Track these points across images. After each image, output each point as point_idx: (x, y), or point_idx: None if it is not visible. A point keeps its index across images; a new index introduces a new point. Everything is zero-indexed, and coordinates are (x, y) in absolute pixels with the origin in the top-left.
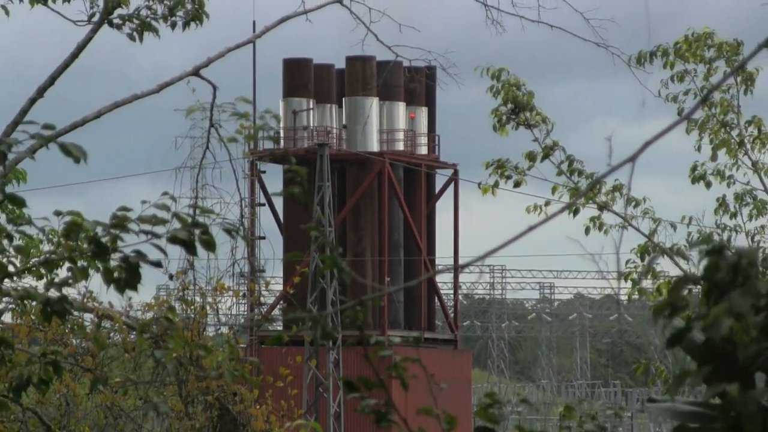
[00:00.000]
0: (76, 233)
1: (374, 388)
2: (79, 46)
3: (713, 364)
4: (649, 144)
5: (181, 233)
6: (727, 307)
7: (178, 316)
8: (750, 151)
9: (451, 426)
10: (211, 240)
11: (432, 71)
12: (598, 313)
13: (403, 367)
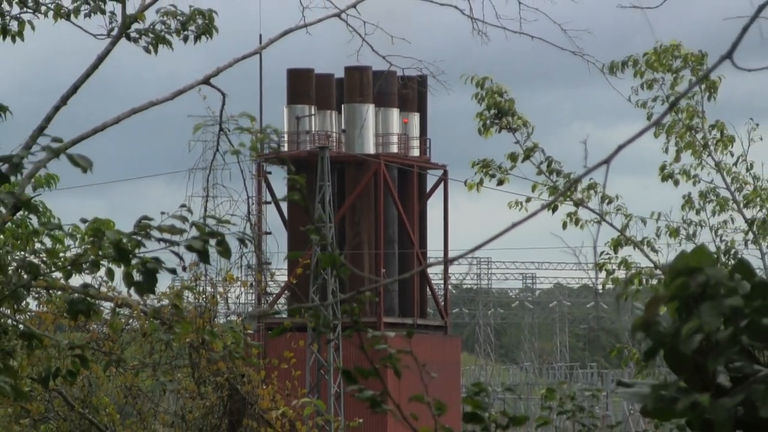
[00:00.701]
0: (100, 239)
1: (370, 376)
2: (100, 58)
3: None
4: (622, 147)
5: (196, 243)
6: (697, 324)
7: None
8: (713, 153)
9: (441, 412)
10: (227, 249)
11: (423, 79)
12: (576, 301)
13: (397, 357)
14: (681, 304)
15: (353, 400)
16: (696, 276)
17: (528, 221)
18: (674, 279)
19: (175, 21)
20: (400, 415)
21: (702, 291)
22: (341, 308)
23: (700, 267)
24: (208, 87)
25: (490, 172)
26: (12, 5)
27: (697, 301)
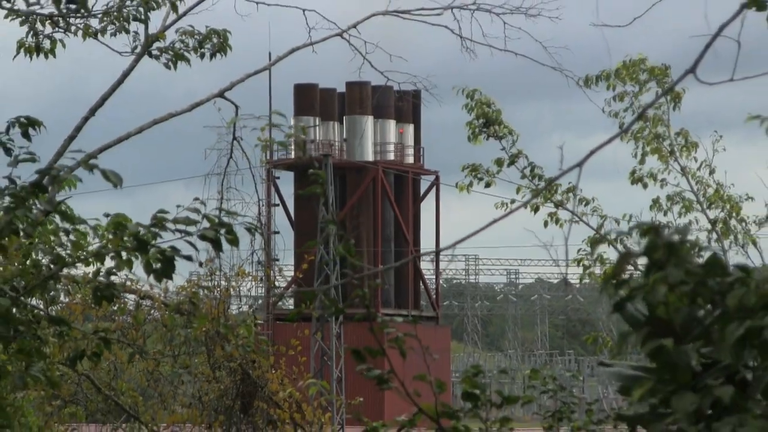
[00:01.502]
0: (122, 231)
1: (377, 356)
2: (124, 73)
3: (650, 326)
4: (593, 152)
5: (209, 232)
6: (663, 276)
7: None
8: (679, 158)
9: (441, 390)
10: (235, 238)
11: (417, 93)
12: (555, 295)
13: (403, 340)
14: (649, 261)
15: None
16: (662, 233)
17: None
18: (644, 236)
19: (192, 40)
20: (404, 392)
21: (668, 248)
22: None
23: (665, 225)
24: (223, 100)
25: (478, 176)
26: (45, 25)
27: (663, 258)
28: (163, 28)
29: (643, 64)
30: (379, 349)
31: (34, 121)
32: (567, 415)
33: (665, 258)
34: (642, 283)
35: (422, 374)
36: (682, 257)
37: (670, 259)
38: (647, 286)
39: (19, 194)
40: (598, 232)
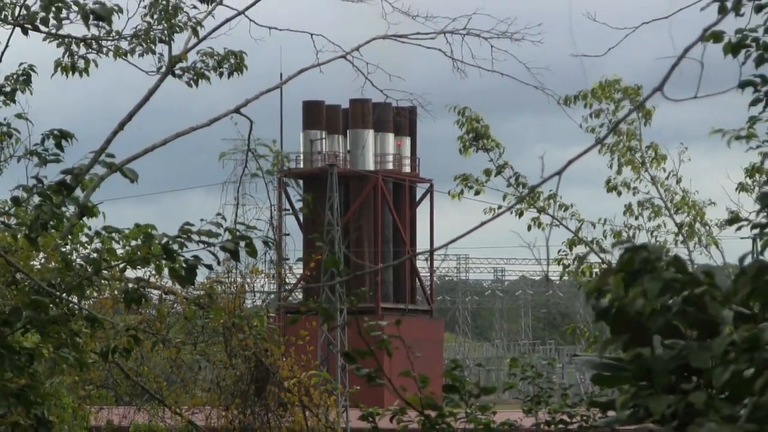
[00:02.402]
0: (149, 241)
1: (366, 356)
2: (150, 91)
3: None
4: (571, 162)
5: (229, 245)
6: (640, 290)
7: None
8: (649, 169)
9: (425, 384)
10: (254, 250)
11: (414, 109)
12: (538, 290)
13: (389, 341)
14: (627, 275)
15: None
16: (639, 251)
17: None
18: (622, 255)
19: (212, 60)
20: (391, 388)
21: (644, 263)
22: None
23: (643, 245)
24: (239, 115)
25: (468, 185)
26: (79, 47)
27: (640, 272)
28: (186, 50)
29: (617, 85)
30: (367, 350)
31: (67, 133)
32: (545, 399)
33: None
34: (621, 295)
35: (407, 371)
36: (657, 272)
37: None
38: (627, 299)
39: (46, 192)
40: (576, 234)
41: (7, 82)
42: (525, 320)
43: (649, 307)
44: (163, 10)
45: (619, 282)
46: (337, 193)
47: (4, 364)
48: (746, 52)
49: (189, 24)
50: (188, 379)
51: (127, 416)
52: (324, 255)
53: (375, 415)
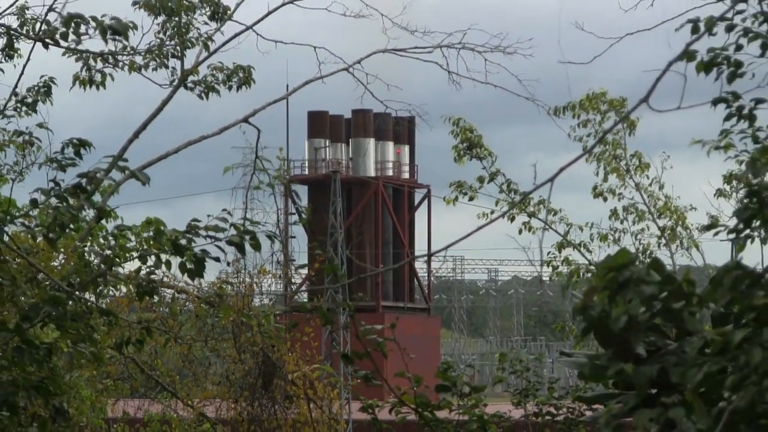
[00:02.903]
0: (160, 237)
1: (363, 358)
2: (163, 102)
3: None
4: (563, 169)
5: (235, 238)
6: (623, 309)
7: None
8: (633, 176)
9: (418, 384)
10: (258, 243)
11: (412, 119)
12: (529, 290)
13: (384, 343)
14: (610, 293)
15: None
16: (622, 271)
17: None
18: (606, 274)
19: (221, 74)
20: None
21: (626, 282)
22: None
23: (625, 264)
24: (247, 124)
25: (463, 191)
26: (97, 61)
27: (622, 289)
28: (197, 64)
29: (603, 97)
30: (364, 353)
31: (85, 142)
32: (533, 392)
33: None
34: (605, 313)
35: (401, 371)
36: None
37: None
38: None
39: (63, 195)
40: (564, 238)
41: (29, 93)
42: (517, 318)
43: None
44: (175, 27)
45: (603, 299)
46: (339, 198)
47: (24, 358)
48: (719, 70)
49: (200, 40)
50: (199, 374)
51: (142, 408)
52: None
53: (374, 407)
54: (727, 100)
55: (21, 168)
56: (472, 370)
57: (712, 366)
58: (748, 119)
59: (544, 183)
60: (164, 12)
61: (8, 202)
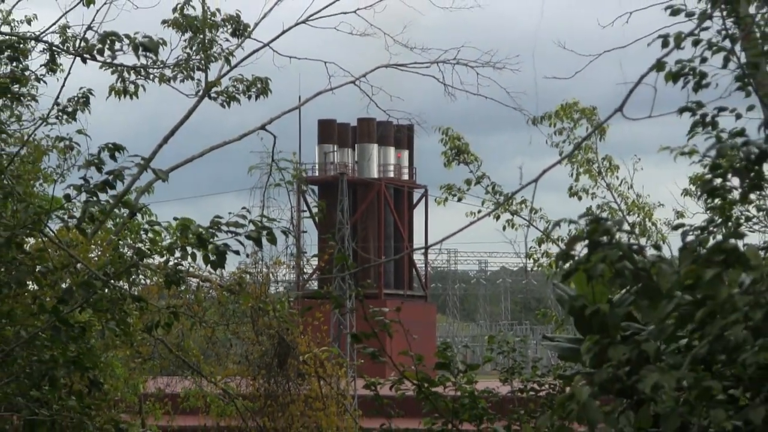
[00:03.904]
0: (186, 231)
1: (371, 338)
2: (189, 111)
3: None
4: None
5: (253, 233)
6: (601, 255)
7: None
8: (605, 177)
9: (420, 361)
10: (274, 238)
11: (411, 126)
12: (516, 279)
13: (390, 324)
14: (591, 243)
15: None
16: (602, 223)
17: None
18: (588, 224)
19: (242, 85)
20: (392, 364)
21: (605, 232)
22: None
23: (605, 218)
24: (264, 131)
25: (452, 193)
26: (130, 74)
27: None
28: (220, 76)
29: (576, 106)
30: (371, 333)
31: (119, 146)
32: (518, 371)
33: (603, 240)
34: (584, 259)
35: (404, 350)
36: (618, 242)
37: (608, 241)
38: (589, 263)
39: (92, 190)
40: (544, 233)
41: (69, 103)
42: (505, 304)
43: (609, 273)
44: (200, 43)
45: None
46: (346, 197)
47: (60, 336)
48: (685, 80)
49: (222, 55)
50: (222, 354)
51: (171, 384)
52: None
53: (377, 384)
54: (692, 109)
55: (62, 170)
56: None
57: (682, 300)
58: (711, 126)
59: (529, 183)
60: (190, 30)
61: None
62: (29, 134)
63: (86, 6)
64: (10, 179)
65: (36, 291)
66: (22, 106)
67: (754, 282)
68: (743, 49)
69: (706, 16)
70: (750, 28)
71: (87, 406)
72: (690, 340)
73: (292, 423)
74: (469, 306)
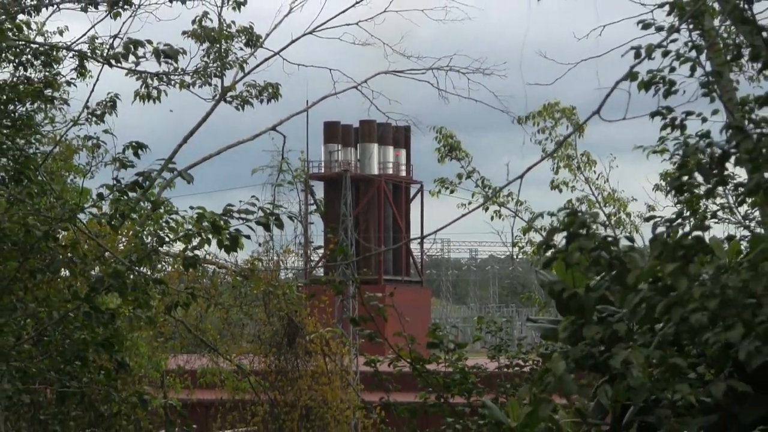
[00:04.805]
0: (202, 219)
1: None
2: (207, 113)
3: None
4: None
5: (262, 219)
6: (577, 245)
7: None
8: (583, 171)
9: (413, 342)
10: (281, 223)
11: (408, 127)
12: (503, 266)
13: (386, 309)
14: (568, 234)
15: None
16: (578, 215)
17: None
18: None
19: (254, 90)
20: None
21: (582, 224)
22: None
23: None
24: (275, 132)
25: (445, 186)
26: (153, 80)
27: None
28: (234, 82)
29: (557, 106)
30: (368, 317)
31: (142, 145)
32: (504, 348)
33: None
34: (562, 248)
35: (399, 331)
36: (592, 232)
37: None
38: (566, 252)
39: (123, 189)
40: (528, 223)
41: (98, 106)
42: (493, 289)
43: (585, 261)
44: (217, 52)
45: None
46: (349, 192)
47: (92, 321)
48: (656, 88)
49: (237, 62)
50: (236, 334)
51: (190, 361)
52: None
53: (376, 362)
54: (663, 113)
55: (91, 166)
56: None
57: (647, 292)
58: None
59: (516, 179)
60: (208, 40)
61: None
62: (61, 135)
63: (113, 18)
64: (44, 175)
65: (69, 278)
66: (55, 108)
67: (719, 269)
68: (708, 59)
69: (674, 29)
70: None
71: (114, 379)
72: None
73: (301, 396)
74: (460, 290)
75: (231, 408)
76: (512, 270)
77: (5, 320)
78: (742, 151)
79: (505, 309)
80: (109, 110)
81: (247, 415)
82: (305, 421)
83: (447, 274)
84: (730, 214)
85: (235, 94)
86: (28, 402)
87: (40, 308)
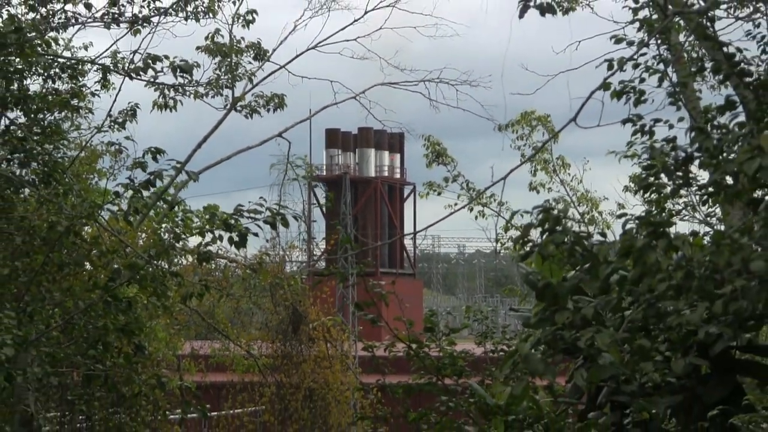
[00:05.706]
0: (214, 217)
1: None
2: (219, 121)
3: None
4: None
5: (269, 218)
6: (551, 239)
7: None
8: (559, 174)
9: (411, 326)
10: (287, 221)
11: (402, 134)
12: (488, 260)
13: (386, 295)
14: (543, 229)
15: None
16: (552, 212)
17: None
18: (539, 213)
19: (262, 100)
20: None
21: (555, 221)
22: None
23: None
24: (281, 138)
25: (433, 188)
26: (170, 91)
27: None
28: (244, 93)
29: (533, 114)
30: (371, 302)
31: (160, 150)
32: (490, 335)
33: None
34: (537, 242)
35: (399, 316)
36: (564, 227)
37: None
38: (541, 246)
39: (136, 187)
40: (508, 222)
41: (120, 115)
42: (479, 280)
43: (559, 254)
44: (228, 66)
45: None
46: (349, 192)
47: (111, 309)
48: (627, 97)
49: (246, 75)
50: (246, 321)
51: (203, 347)
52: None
53: (373, 347)
54: (633, 120)
55: (114, 170)
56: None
57: (618, 263)
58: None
59: (498, 181)
60: (220, 54)
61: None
62: (86, 141)
63: (134, 35)
64: (71, 177)
65: (91, 271)
66: (81, 117)
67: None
68: (674, 71)
69: (644, 44)
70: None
71: (134, 363)
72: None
73: (304, 378)
74: (449, 282)
75: (241, 389)
76: (497, 263)
77: (35, 309)
78: (704, 149)
79: (490, 299)
80: (130, 118)
81: (256, 395)
82: (308, 401)
83: (437, 267)
84: (694, 212)
85: (245, 104)
86: (56, 384)
87: (66, 298)
